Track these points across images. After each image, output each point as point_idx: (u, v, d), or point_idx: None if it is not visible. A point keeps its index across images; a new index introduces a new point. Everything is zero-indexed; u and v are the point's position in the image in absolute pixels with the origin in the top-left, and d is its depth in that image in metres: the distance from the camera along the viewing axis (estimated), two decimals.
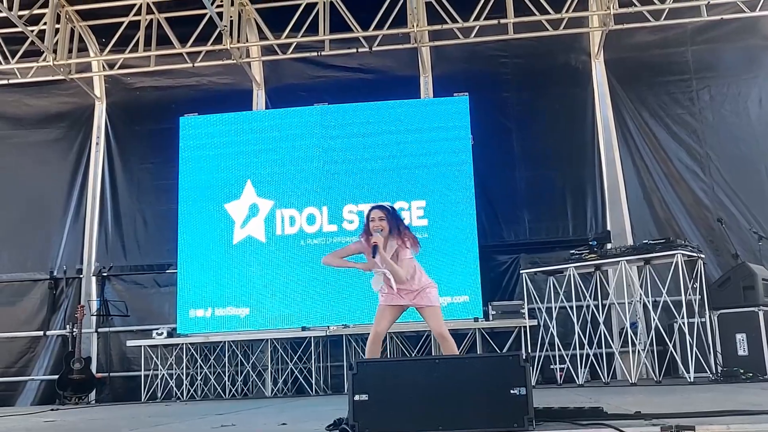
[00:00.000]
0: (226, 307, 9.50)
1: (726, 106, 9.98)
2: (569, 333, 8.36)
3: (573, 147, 10.17)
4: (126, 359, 10.18)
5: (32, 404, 9.88)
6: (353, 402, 3.35)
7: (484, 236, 9.63)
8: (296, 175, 9.75)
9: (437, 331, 5.00)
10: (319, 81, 10.74)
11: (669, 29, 10.01)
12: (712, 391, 5.85)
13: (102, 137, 11.03)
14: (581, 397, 5.93)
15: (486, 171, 9.72)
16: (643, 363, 8.03)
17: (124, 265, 10.57)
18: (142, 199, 10.73)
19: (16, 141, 11.11)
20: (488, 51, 10.43)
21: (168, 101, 10.85)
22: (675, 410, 3.71)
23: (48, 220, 10.80)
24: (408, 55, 10.44)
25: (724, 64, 10.10)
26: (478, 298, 9.14)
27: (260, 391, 9.63)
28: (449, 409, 3.29)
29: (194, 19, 10.29)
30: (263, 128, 10.05)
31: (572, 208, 9.99)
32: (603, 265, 8.17)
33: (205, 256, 9.66)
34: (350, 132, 9.80)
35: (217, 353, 9.61)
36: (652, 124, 10.06)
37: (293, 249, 9.59)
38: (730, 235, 9.00)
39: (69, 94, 11.10)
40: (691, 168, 9.85)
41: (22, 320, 10.46)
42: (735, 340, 7.55)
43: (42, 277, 10.58)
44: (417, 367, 3.54)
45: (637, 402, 4.72)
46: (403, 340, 9.41)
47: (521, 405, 3.26)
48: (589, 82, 10.37)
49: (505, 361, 3.40)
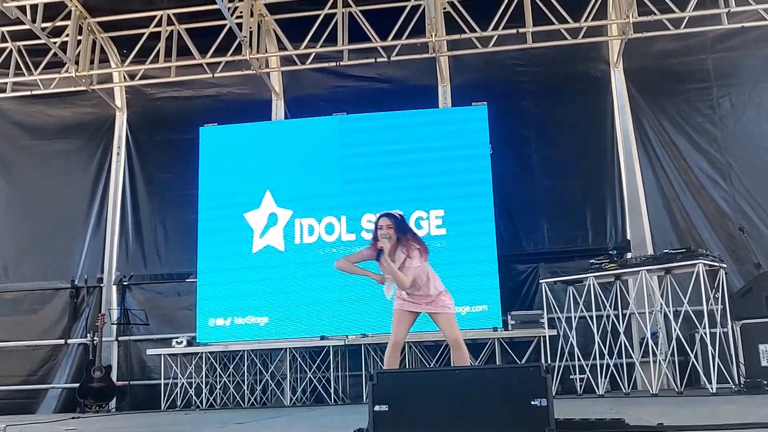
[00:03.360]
0: (245, 316, 9.53)
1: (747, 114, 9.88)
2: (589, 343, 8.30)
3: (592, 156, 10.12)
4: (146, 368, 10.24)
5: (53, 412, 9.94)
6: (373, 412, 3.35)
7: (503, 245, 9.59)
8: (315, 185, 9.77)
9: (452, 337, 5.03)
10: (337, 91, 10.78)
11: (689, 37, 9.94)
12: (736, 403, 5.79)
13: (123, 147, 11.13)
14: (602, 407, 5.88)
15: (505, 180, 9.70)
16: (664, 374, 7.96)
17: (144, 274, 10.65)
18: (163, 208, 10.81)
19: (38, 151, 11.24)
20: (507, 60, 10.41)
21: (188, 111, 10.94)
22: (698, 422, 3.67)
23: (69, 229, 10.90)
24: (426, 64, 10.45)
25: (745, 71, 10.01)
26: (497, 307, 9.10)
27: (279, 400, 9.63)
28: (469, 420, 3.27)
29: (214, 30, 10.36)
30: (282, 138, 10.10)
31: (592, 218, 9.93)
32: (623, 275, 8.11)
33: (224, 265, 9.70)
34: (369, 141, 9.81)
35: (237, 362, 9.64)
36: (672, 132, 9.98)
37: (312, 258, 9.60)
38: (752, 244, 8.90)
39: (90, 104, 11.22)
40: (711, 176, 9.76)
41: (43, 329, 10.55)
42: (758, 350, 7.47)
43: (63, 285, 10.68)
44: (437, 377, 3.53)
45: (659, 413, 4.68)
46: (422, 349, 9.38)
47: (542, 416, 3.24)
48: (609, 91, 10.31)
49: (526, 372, 3.39)
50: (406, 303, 5.03)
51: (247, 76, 10.51)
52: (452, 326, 5.02)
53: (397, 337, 5.03)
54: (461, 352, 4.95)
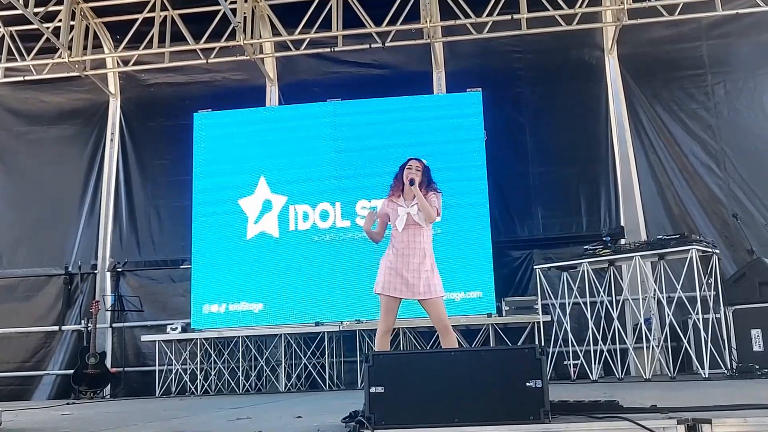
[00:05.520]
0: (239, 302, 9.54)
1: (741, 101, 9.90)
2: (583, 329, 8.32)
3: (586, 142, 10.14)
4: (140, 354, 10.24)
5: (48, 398, 9.95)
6: (369, 394, 3.36)
7: (498, 232, 9.62)
8: (309, 171, 9.77)
9: (442, 323, 4.95)
10: (332, 77, 10.75)
11: (683, 24, 9.94)
12: (728, 387, 5.83)
13: (116, 133, 11.07)
14: (595, 392, 5.91)
15: (499, 166, 9.71)
16: (657, 359, 8.01)
17: (138, 261, 10.63)
18: (157, 194, 10.78)
19: (32, 137, 11.18)
20: (501, 46, 10.41)
21: (182, 97, 10.90)
22: (691, 404, 3.69)
23: (63, 216, 10.86)
24: (421, 50, 10.44)
25: (740, 58, 10.02)
26: (492, 293, 9.13)
27: (274, 386, 9.66)
28: (465, 402, 3.29)
29: (208, 16, 10.32)
30: (276, 124, 10.09)
31: (586, 204, 9.95)
32: (617, 261, 8.14)
33: (218, 251, 9.72)
34: (363, 127, 9.82)
35: (231, 348, 9.65)
36: (666, 119, 10.00)
37: (306, 244, 9.62)
38: (746, 230, 8.94)
39: (84, 90, 11.17)
40: (705, 163, 9.79)
41: (37, 315, 10.54)
42: (750, 335, 7.52)
43: (57, 272, 10.66)
44: (433, 359, 3.54)
45: (652, 396, 4.71)
46: (416, 335, 9.41)
47: (537, 397, 3.25)
48: (603, 78, 10.32)
49: (521, 354, 3.40)
50: (393, 288, 4.97)
51: (241, 62, 10.48)
52: (442, 311, 4.98)
53: (387, 324, 5.02)
54: (451, 338, 4.94)
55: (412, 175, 5.05)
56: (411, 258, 4.99)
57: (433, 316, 5.00)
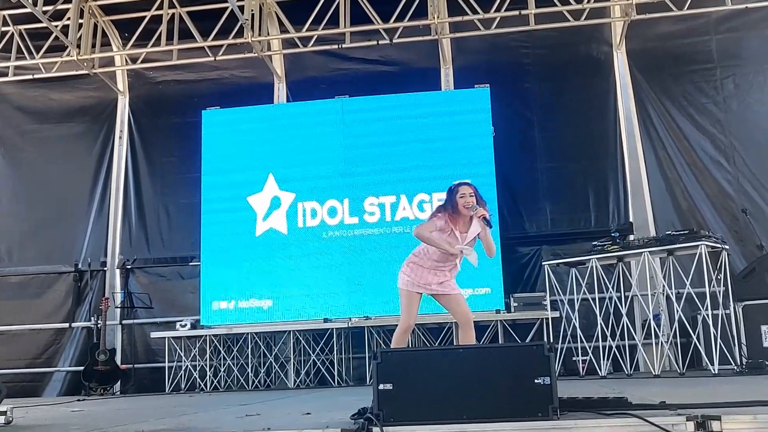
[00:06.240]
0: (249, 299, 9.56)
1: (751, 95, 9.85)
2: (592, 325, 8.31)
3: (595, 138, 10.11)
4: (150, 351, 10.27)
5: (58, 395, 10.01)
6: (378, 391, 3.36)
7: (506, 228, 9.61)
8: (317, 168, 9.77)
9: (467, 317, 5.07)
10: (340, 73, 10.75)
11: (692, 18, 9.90)
12: (737, 383, 5.81)
13: (125, 131, 11.11)
14: (604, 388, 5.91)
15: (507, 162, 9.68)
16: (666, 355, 7.98)
17: (147, 258, 10.68)
18: (166, 192, 10.82)
19: (41, 135, 11.22)
20: (509, 42, 10.38)
21: (190, 95, 10.93)
22: (700, 401, 3.69)
23: (72, 213, 10.91)
24: (429, 46, 10.42)
25: (749, 52, 9.96)
26: (500, 289, 9.12)
27: (283, 382, 9.68)
28: (473, 399, 3.29)
29: (216, 13, 10.35)
30: (285, 121, 10.09)
31: (594, 200, 9.93)
32: (626, 257, 8.12)
33: (227, 248, 9.73)
34: (371, 124, 9.81)
35: (240, 345, 9.67)
36: (675, 114, 9.96)
37: (315, 241, 9.63)
38: (755, 225, 8.88)
39: (92, 88, 11.20)
40: (715, 158, 9.74)
41: (47, 312, 10.59)
42: (760, 331, 7.50)
43: (67, 269, 10.71)
44: (441, 356, 3.55)
45: (661, 393, 4.70)
46: (425, 332, 9.41)
47: (546, 394, 3.25)
48: (611, 73, 10.29)
49: (530, 351, 3.40)
50: (416, 284, 5.05)
51: (249, 59, 10.49)
52: (465, 306, 5.14)
53: (410, 320, 5.07)
54: (472, 334, 5.01)
55: (482, 212, 5.06)
56: (443, 268, 5.13)
57: (459, 310, 5.12)
